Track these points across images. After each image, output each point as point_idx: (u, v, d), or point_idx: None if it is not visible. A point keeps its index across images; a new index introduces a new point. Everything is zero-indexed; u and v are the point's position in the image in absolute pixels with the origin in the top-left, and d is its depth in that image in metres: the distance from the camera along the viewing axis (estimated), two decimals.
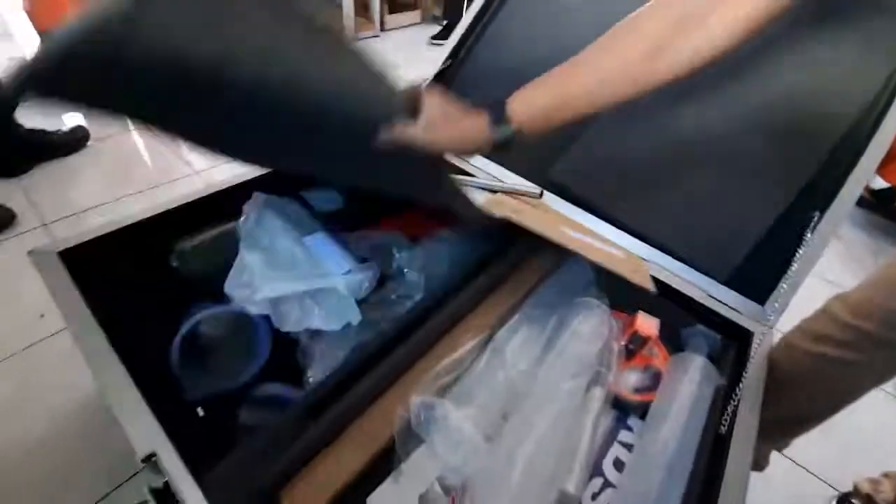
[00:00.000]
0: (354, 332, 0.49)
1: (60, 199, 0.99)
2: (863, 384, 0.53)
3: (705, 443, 0.44)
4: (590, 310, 0.51)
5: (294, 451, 0.36)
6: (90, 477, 0.57)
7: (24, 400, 0.64)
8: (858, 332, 0.48)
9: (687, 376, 0.48)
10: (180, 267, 0.54)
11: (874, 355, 0.48)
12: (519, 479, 0.36)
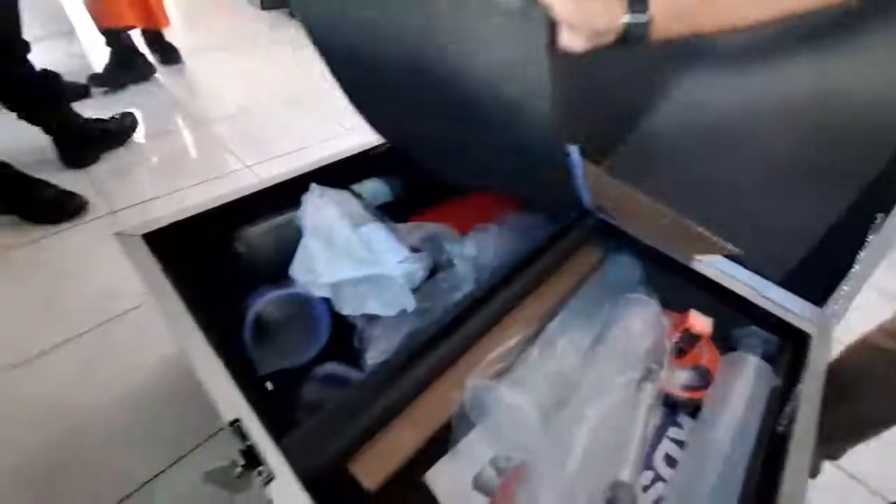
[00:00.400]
0: (408, 318, 0.51)
1: (124, 190, 1.06)
2: None
3: (761, 443, 0.44)
4: (641, 306, 0.51)
5: (359, 425, 0.39)
6: (163, 442, 0.62)
7: (95, 374, 0.70)
8: None
9: (742, 376, 0.47)
10: (244, 252, 0.58)
11: None
12: (574, 466, 0.37)
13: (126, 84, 1.45)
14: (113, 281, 0.84)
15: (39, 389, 0.67)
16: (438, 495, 0.41)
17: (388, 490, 0.39)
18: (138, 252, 0.51)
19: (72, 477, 0.58)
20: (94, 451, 0.61)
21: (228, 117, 1.41)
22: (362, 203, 0.66)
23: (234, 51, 1.90)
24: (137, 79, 1.50)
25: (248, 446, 0.35)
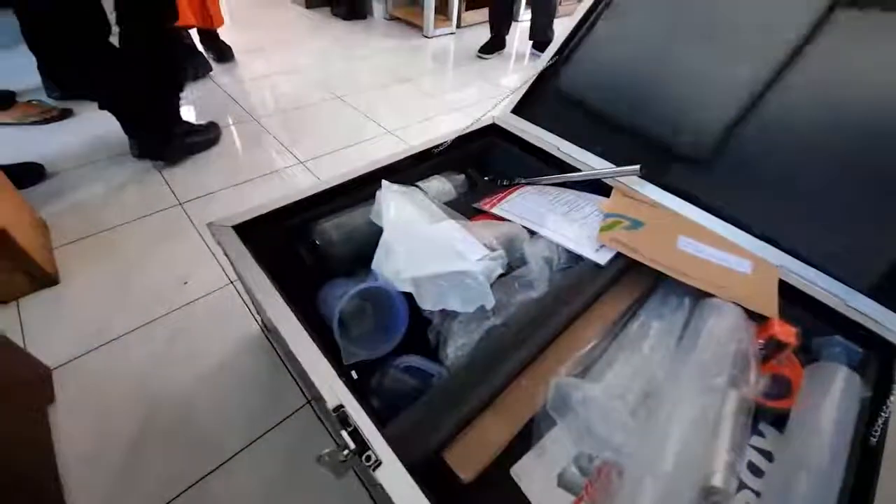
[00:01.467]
0: (487, 316, 0.52)
1: (187, 183, 1.11)
2: None
3: (853, 456, 0.43)
4: (724, 310, 0.50)
5: (455, 417, 0.40)
6: (243, 421, 0.65)
7: (174, 358, 0.74)
8: None
9: (831, 386, 0.46)
10: (321, 243, 0.60)
11: None
12: (668, 469, 0.37)
13: (186, 81, 1.52)
14: (186, 267, 0.88)
15: (124, 368, 0.71)
16: (525, 490, 0.41)
17: (480, 480, 0.40)
18: (230, 241, 0.54)
19: (155, 451, 0.62)
20: (176, 427, 0.65)
21: (279, 113, 1.46)
22: (430, 198, 0.68)
23: (282, 49, 1.95)
24: (196, 76, 1.56)
25: (353, 431, 0.37)
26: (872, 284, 0.55)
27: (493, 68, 1.95)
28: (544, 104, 0.86)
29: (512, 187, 0.77)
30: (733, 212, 0.63)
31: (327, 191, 0.65)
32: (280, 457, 0.62)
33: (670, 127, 0.70)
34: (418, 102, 1.62)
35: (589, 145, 0.77)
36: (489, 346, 0.45)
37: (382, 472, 0.34)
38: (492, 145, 0.86)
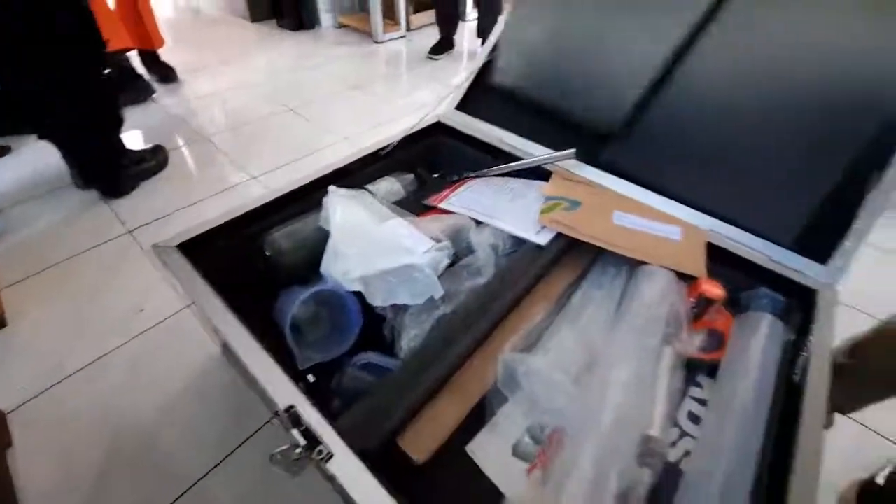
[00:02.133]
0: (436, 305, 0.54)
1: (137, 209, 1.09)
2: None
3: (778, 394, 0.46)
4: (657, 276, 0.54)
5: (406, 403, 0.41)
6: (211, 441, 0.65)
7: (134, 387, 0.72)
8: None
9: (756, 333, 0.50)
10: (272, 253, 0.61)
11: None
12: (607, 427, 0.40)
13: (126, 105, 1.48)
14: (140, 295, 0.87)
15: (83, 403, 0.70)
16: (481, 464, 0.43)
17: (434, 461, 0.42)
18: (176, 261, 0.53)
19: (123, 481, 0.61)
20: (143, 455, 0.64)
21: (229, 130, 1.44)
22: (378, 200, 0.69)
23: (229, 65, 1.92)
24: (137, 100, 1.52)
25: (304, 429, 0.38)
26: (792, 238, 0.60)
27: (443, 69, 1.98)
28: (485, 99, 0.88)
29: (460, 181, 0.79)
30: (663, 183, 0.67)
31: (275, 201, 0.66)
32: (251, 472, 0.62)
33: (598, 109, 0.74)
34: (372, 108, 1.63)
35: (530, 134, 0.80)
36: (437, 333, 0.47)
37: (334, 464, 0.35)
38: (439, 143, 0.88)
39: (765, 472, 0.39)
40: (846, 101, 0.60)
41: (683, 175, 0.66)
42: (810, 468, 0.37)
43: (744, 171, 0.64)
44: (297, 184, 0.68)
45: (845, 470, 0.67)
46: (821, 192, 0.60)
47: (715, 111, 0.66)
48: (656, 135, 0.69)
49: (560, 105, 0.79)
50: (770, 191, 0.62)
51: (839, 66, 0.60)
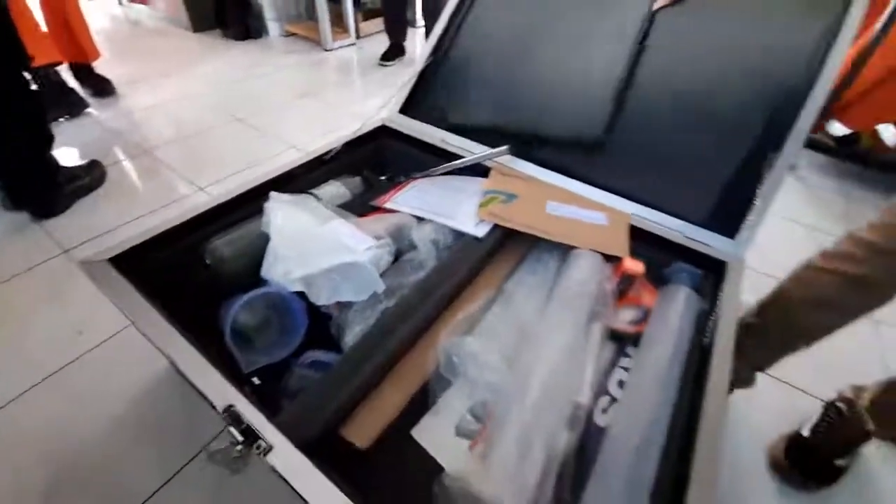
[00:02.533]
0: (379, 300, 0.55)
1: (73, 228, 1.04)
2: (865, 302, 0.56)
3: (692, 356, 0.51)
4: (584, 258, 0.58)
5: (346, 394, 0.43)
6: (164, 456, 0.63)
7: (78, 410, 0.69)
8: (868, 245, 0.51)
9: (673, 304, 0.55)
10: (212, 262, 0.60)
11: (880, 270, 0.50)
12: (535, 396, 0.43)
13: (57, 119, 1.40)
14: (78, 316, 0.83)
15: (24, 430, 0.66)
16: (426, 446, 0.45)
17: (381, 447, 0.44)
18: (107, 276, 0.52)
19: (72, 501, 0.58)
20: (89, 481, 0.61)
21: (173, 143, 1.39)
22: (324, 203, 0.70)
23: (171, 76, 1.86)
24: (69, 114, 1.45)
25: (245, 428, 0.38)
26: (704, 217, 0.66)
27: (395, 75, 2.00)
28: (427, 101, 0.91)
29: (405, 182, 0.81)
30: (591, 174, 0.72)
31: (216, 209, 0.65)
32: (206, 482, 0.61)
33: (531, 108, 0.78)
34: (324, 116, 1.62)
35: (470, 134, 0.83)
36: (377, 326, 0.48)
37: (274, 457, 0.36)
38: (384, 146, 0.90)
39: (677, 425, 0.43)
40: (744, 95, 0.67)
41: (608, 166, 0.71)
42: (716, 418, 0.42)
43: (660, 159, 0.69)
44: (238, 191, 0.68)
45: (775, 426, 0.73)
46: (727, 175, 0.66)
47: (634, 107, 0.72)
48: (583, 130, 0.74)
49: (497, 105, 0.83)
50: (683, 176, 0.68)
51: (736, 66, 0.68)
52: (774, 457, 0.69)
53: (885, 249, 0.49)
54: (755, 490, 0.67)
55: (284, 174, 0.73)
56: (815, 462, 0.67)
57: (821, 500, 0.67)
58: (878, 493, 0.69)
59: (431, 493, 0.38)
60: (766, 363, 0.67)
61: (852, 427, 0.68)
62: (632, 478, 0.37)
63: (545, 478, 0.37)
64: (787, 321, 0.61)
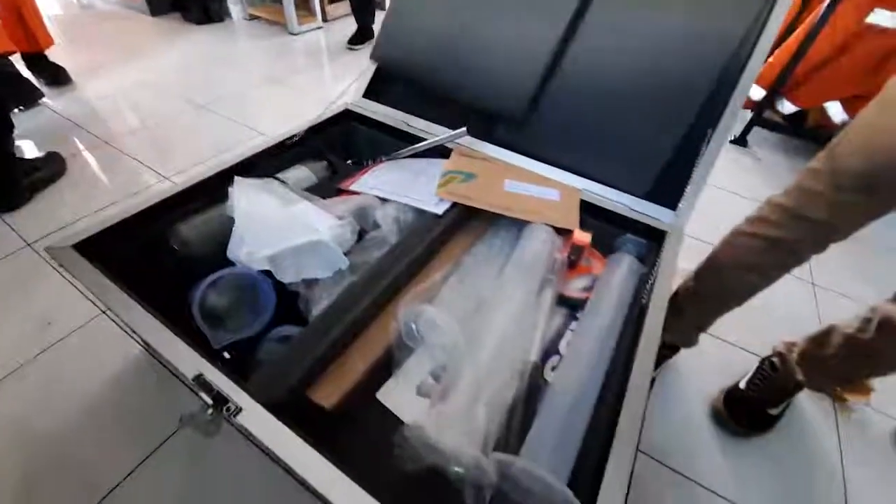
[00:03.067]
0: (345, 277, 0.58)
1: (36, 221, 1.02)
2: (784, 261, 0.60)
3: (632, 314, 0.56)
4: (537, 231, 0.62)
5: (312, 359, 0.46)
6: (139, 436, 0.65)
7: (53, 397, 0.70)
8: (784, 210, 0.56)
9: (617, 270, 0.60)
10: (178, 246, 0.62)
11: (794, 232, 0.56)
12: (487, 356, 0.47)
13: (11, 110, 1.35)
14: (46, 307, 0.83)
15: None
16: (390, 406, 0.49)
17: (347, 409, 0.47)
18: (73, 261, 0.53)
19: (47, 485, 0.60)
20: (64, 465, 0.63)
21: (135, 131, 1.36)
22: (289, 187, 0.72)
23: (129, 63, 1.80)
24: (21, 104, 1.39)
25: (215, 394, 0.41)
26: (648, 191, 0.71)
27: (363, 58, 1.98)
28: (390, 85, 0.93)
29: (369, 165, 0.83)
30: (545, 153, 0.76)
31: (180, 194, 0.66)
32: (183, 459, 0.64)
33: (487, 90, 0.81)
34: (291, 101, 1.61)
35: (432, 117, 0.86)
36: (342, 296, 0.51)
37: (243, 417, 0.39)
38: (349, 130, 0.92)
39: (615, 373, 0.48)
40: (683, 77, 0.71)
41: (561, 145, 0.75)
42: (646, 363, 0.46)
43: (608, 138, 0.74)
44: (202, 176, 0.69)
45: (718, 382, 0.81)
46: (668, 152, 0.71)
47: (582, 89, 0.75)
48: (538, 111, 0.77)
49: (455, 88, 0.85)
50: (629, 153, 0.72)
51: (676, 49, 0.71)
52: (715, 408, 0.76)
53: (797, 213, 0.55)
54: (699, 439, 0.74)
55: (249, 159, 0.74)
56: (750, 411, 0.74)
57: (756, 445, 0.75)
58: (807, 437, 0.77)
59: (393, 446, 0.42)
60: (706, 322, 0.73)
61: (784, 379, 0.75)
62: (567, 423, 0.41)
63: (493, 425, 0.42)
64: (719, 283, 0.67)
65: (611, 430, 0.41)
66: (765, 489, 0.69)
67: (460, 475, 0.37)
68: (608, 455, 0.39)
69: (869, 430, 0.80)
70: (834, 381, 0.76)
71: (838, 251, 0.57)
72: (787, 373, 0.75)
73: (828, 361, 0.69)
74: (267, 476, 0.62)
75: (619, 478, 0.37)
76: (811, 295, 1.04)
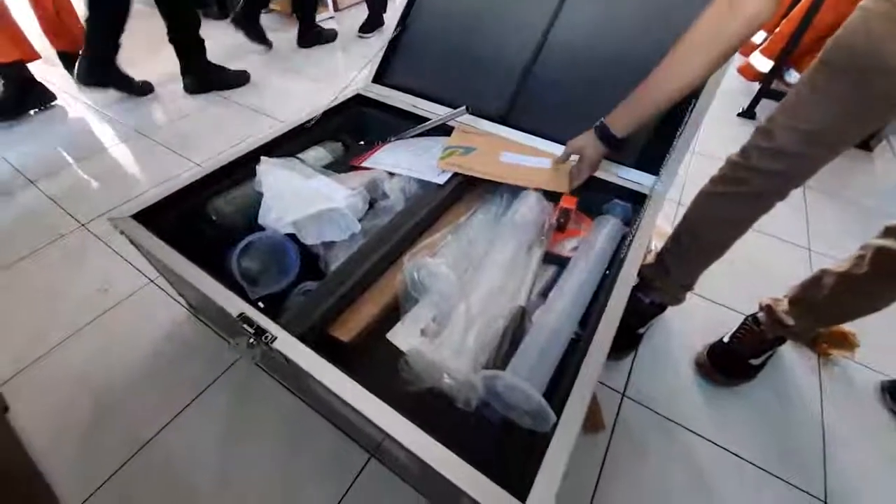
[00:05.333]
0: (358, 240, 0.67)
1: (85, 204, 1.14)
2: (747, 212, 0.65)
3: (613, 268, 0.63)
4: (529, 196, 0.69)
5: (332, 301, 0.55)
6: (188, 382, 0.77)
7: (112, 351, 0.82)
8: (741, 166, 0.61)
9: (601, 229, 0.67)
10: (217, 217, 0.71)
11: (752, 185, 0.61)
12: (480, 294, 0.55)
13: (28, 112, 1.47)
14: (101, 278, 0.95)
15: (69, 367, 0.79)
16: (397, 344, 0.58)
17: (362, 345, 0.56)
18: (132, 229, 0.63)
19: (110, 428, 0.71)
20: (126, 399, 0.74)
21: (166, 125, 1.48)
22: (308, 164, 0.80)
23: (152, 58, 1.90)
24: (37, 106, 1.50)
25: (256, 327, 0.51)
26: (634, 159, 0.77)
27: (375, 45, 2.04)
28: (398, 70, 1.00)
29: (379, 145, 0.91)
30: (539, 127, 0.82)
31: (216, 172, 0.75)
32: (227, 399, 0.75)
33: (488, 72, 0.87)
34: (308, 89, 1.69)
35: (436, 98, 0.93)
36: (357, 252, 0.60)
37: (278, 343, 0.49)
38: (361, 113, 1.00)
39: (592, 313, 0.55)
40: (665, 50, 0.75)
41: (553, 120, 0.82)
42: (617, 305, 0.53)
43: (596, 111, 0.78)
44: (232, 157, 0.78)
45: (702, 339, 0.87)
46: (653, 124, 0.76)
47: (573, 69, 0.81)
48: (533, 90, 0.84)
49: (458, 70, 0.92)
50: None
51: (661, 26, 0.76)
52: (699, 360, 0.83)
53: (754, 167, 0.60)
54: (684, 388, 0.81)
55: (271, 141, 0.83)
56: (732, 362, 0.80)
57: (739, 393, 0.81)
58: (788, 386, 0.83)
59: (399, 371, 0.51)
60: (690, 279, 0.79)
61: (768, 330, 0.80)
62: (545, 349, 0.49)
63: (482, 352, 0.50)
64: (694, 240, 0.72)
65: (582, 356, 0.49)
66: (745, 432, 0.75)
67: (452, 388, 0.46)
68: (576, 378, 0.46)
69: (852, 381, 0.85)
70: (826, 321, 0.78)
71: (835, 218, 0.61)
72: (772, 323, 0.80)
73: (820, 304, 0.72)
74: (293, 415, 0.72)
75: (583, 392, 0.45)
76: (806, 259, 1.07)
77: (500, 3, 0.88)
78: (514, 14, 0.86)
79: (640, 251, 0.61)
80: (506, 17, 0.87)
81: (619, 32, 0.78)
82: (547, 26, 0.83)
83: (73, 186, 1.20)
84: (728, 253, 0.72)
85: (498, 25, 0.89)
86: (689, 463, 0.70)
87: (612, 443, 0.71)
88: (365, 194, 0.69)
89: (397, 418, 0.41)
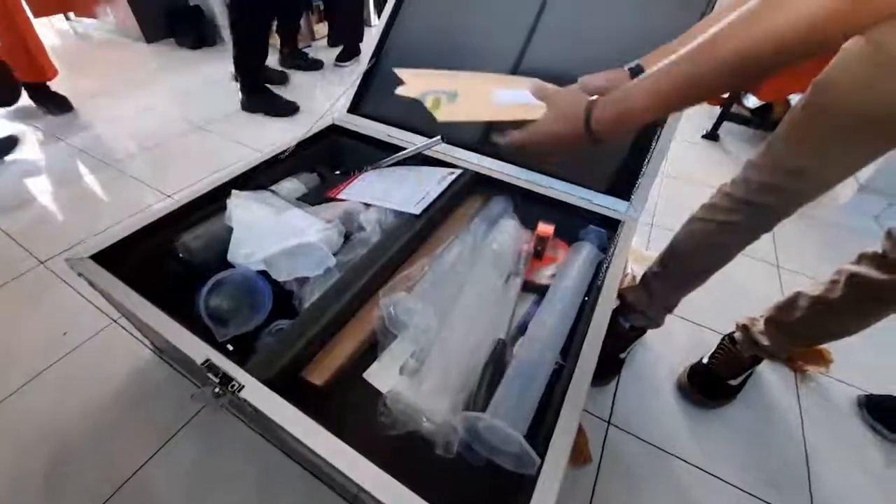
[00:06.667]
0: (333, 275, 0.65)
1: (45, 241, 1.09)
2: (736, 241, 0.66)
3: (590, 295, 0.63)
4: (506, 226, 0.69)
5: (303, 343, 0.53)
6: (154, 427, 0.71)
7: (72, 398, 0.77)
8: (732, 197, 0.63)
9: (576, 256, 0.67)
10: (184, 254, 0.68)
11: (742, 215, 0.61)
12: (460, 331, 0.54)
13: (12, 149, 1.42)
14: (60, 319, 0.89)
15: (24, 418, 0.73)
16: (375, 384, 0.55)
17: (337, 387, 0.54)
18: (91, 270, 0.60)
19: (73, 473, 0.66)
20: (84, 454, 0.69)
21: (137, 155, 1.44)
22: (281, 197, 0.79)
23: (127, 89, 1.88)
24: None
25: (222, 374, 0.48)
26: (606, 186, 0.78)
27: (350, 74, 2.07)
28: (372, 100, 1.01)
29: (355, 175, 0.90)
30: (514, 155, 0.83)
31: (183, 208, 0.73)
32: (196, 447, 0.70)
33: None
34: (286, 119, 1.69)
35: (411, 127, 0.93)
36: (330, 288, 0.58)
37: (245, 392, 0.46)
38: (336, 143, 0.99)
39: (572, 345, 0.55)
40: None
41: None
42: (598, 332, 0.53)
43: None
44: (202, 191, 0.76)
45: (687, 361, 0.87)
46: (623, 149, 0.78)
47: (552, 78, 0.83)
48: None
49: None
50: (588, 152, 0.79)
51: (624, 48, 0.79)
52: (680, 382, 0.83)
53: (744, 199, 0.61)
54: (667, 412, 0.80)
55: (243, 174, 0.81)
56: (711, 383, 0.81)
57: (720, 415, 0.81)
58: (769, 405, 0.83)
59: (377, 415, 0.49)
60: (673, 303, 0.80)
61: (744, 349, 0.82)
62: (526, 387, 0.48)
63: (462, 392, 0.48)
64: (682, 265, 0.73)
65: (564, 392, 0.47)
66: (731, 454, 0.74)
67: (432, 432, 0.44)
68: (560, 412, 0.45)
69: (829, 398, 0.86)
70: (800, 342, 0.79)
71: (802, 235, 0.63)
72: (748, 343, 0.81)
73: (794, 325, 0.73)
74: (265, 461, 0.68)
75: (567, 427, 0.44)
76: (776, 276, 1.10)
77: (473, 35, 0.91)
78: (488, 45, 0.89)
79: (617, 276, 0.62)
80: (480, 49, 0.89)
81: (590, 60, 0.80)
82: (517, 58, 0.86)
83: (34, 220, 1.15)
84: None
85: (472, 58, 0.91)
86: (679, 493, 0.69)
87: (599, 475, 0.69)
88: (340, 227, 0.68)
89: (373, 471, 0.39)
